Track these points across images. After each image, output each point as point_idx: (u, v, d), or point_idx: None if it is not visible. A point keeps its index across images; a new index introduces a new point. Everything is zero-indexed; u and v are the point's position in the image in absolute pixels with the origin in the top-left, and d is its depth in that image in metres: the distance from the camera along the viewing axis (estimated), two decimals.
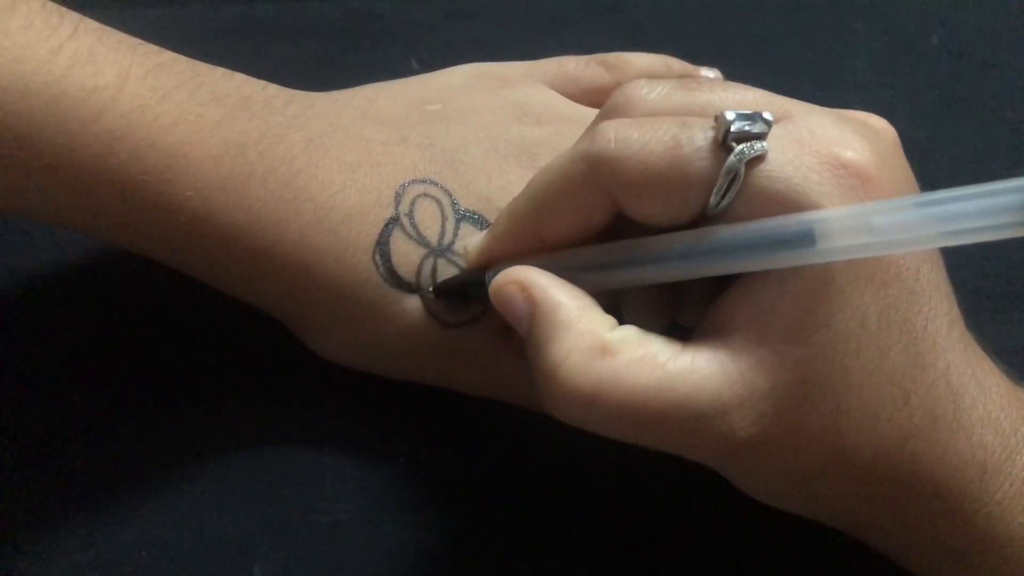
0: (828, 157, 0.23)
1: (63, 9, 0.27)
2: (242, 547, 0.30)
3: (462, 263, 0.29)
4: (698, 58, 0.35)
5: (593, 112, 0.33)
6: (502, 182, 0.30)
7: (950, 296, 0.25)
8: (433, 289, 0.29)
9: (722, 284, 0.25)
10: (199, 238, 0.28)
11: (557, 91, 0.34)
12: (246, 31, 0.38)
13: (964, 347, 0.25)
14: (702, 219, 0.24)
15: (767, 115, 0.23)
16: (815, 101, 0.26)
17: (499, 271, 0.26)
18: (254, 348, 0.32)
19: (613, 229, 0.25)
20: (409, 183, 0.30)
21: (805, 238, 0.22)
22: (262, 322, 0.31)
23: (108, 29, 0.27)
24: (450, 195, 0.30)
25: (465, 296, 0.29)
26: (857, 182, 0.23)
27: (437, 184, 0.30)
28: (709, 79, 0.33)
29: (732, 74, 0.33)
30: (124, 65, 0.27)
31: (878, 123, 0.26)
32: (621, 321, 0.25)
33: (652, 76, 0.28)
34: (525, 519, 0.31)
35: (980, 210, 0.21)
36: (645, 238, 0.25)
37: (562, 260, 0.26)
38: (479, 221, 0.30)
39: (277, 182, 0.28)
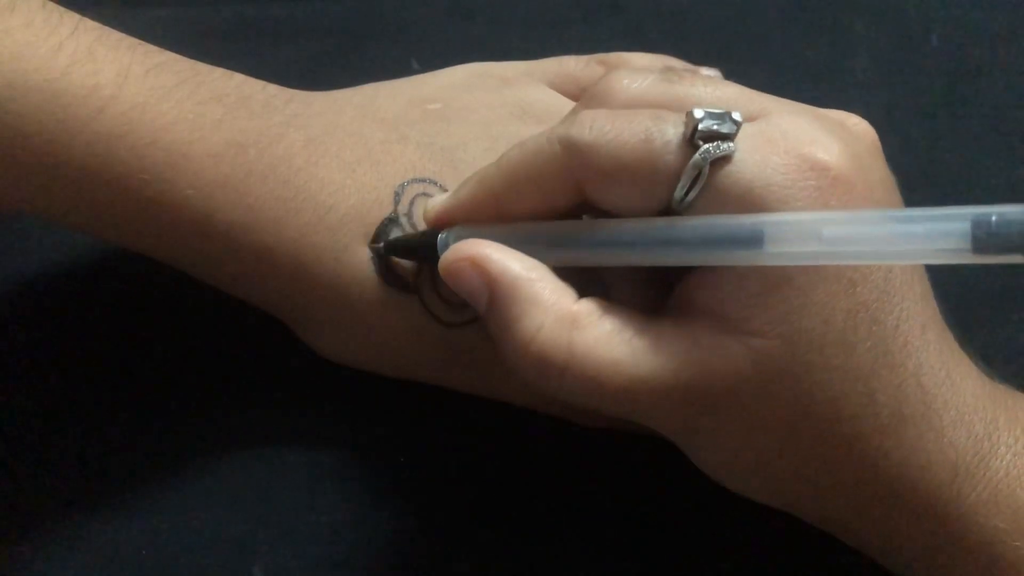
0: (798, 157, 0.23)
1: (62, 8, 0.27)
2: (242, 547, 0.30)
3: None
4: (698, 58, 0.35)
5: None
6: None
7: (926, 297, 0.25)
8: (383, 245, 0.29)
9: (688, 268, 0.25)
10: (198, 237, 0.28)
11: (557, 91, 0.34)
12: (246, 31, 0.38)
13: (939, 349, 0.25)
14: (667, 213, 0.24)
15: (736, 115, 0.23)
16: (815, 101, 0.26)
17: (452, 235, 0.27)
18: (254, 348, 0.32)
19: (572, 214, 0.26)
20: (408, 182, 0.30)
21: (754, 239, 0.22)
22: (262, 322, 0.31)
23: (107, 29, 0.28)
24: None
25: (414, 258, 0.29)
26: (826, 183, 0.23)
27: (436, 183, 0.30)
28: (691, 72, 0.33)
29: (732, 74, 0.33)
30: (124, 64, 0.27)
31: (857, 124, 0.26)
32: (606, 292, 0.26)
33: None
34: (525, 519, 0.31)
35: (929, 233, 0.21)
36: (605, 220, 0.25)
37: (520, 231, 0.26)
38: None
39: (277, 181, 0.28)
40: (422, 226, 0.29)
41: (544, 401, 0.31)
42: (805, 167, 0.23)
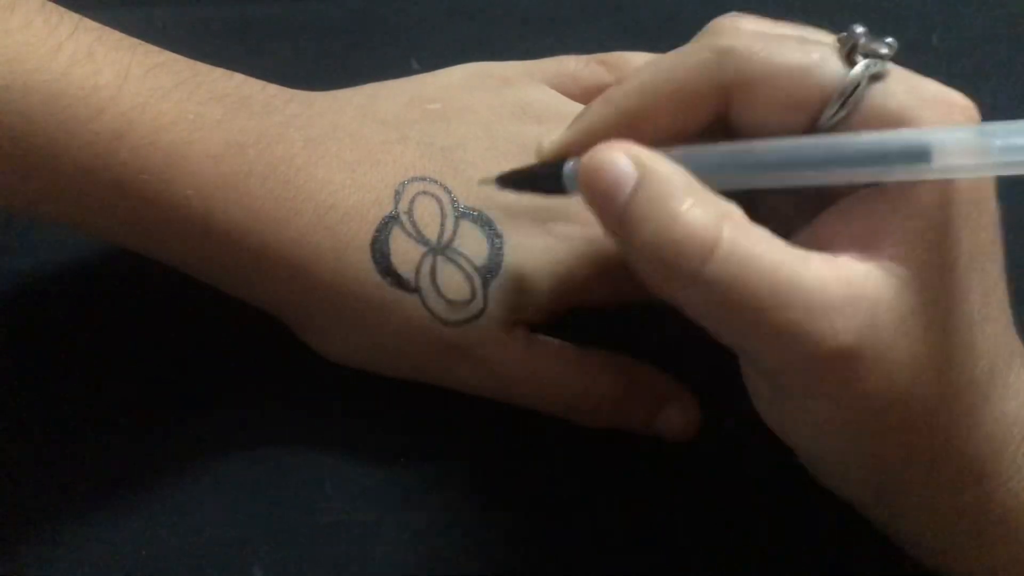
0: (941, 94, 0.23)
1: (62, 9, 0.27)
2: (242, 547, 0.30)
3: (462, 261, 0.29)
4: None
5: None
6: None
7: (1003, 271, 0.25)
8: (497, 179, 0.28)
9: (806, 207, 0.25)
10: (198, 237, 0.28)
11: (557, 91, 0.34)
12: (246, 31, 0.38)
13: (1011, 319, 0.25)
14: (811, 132, 0.24)
15: (891, 39, 0.24)
16: None
17: (580, 163, 0.24)
18: (254, 348, 0.32)
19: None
20: (409, 181, 0.30)
21: (922, 152, 0.22)
22: (262, 322, 0.31)
23: (107, 29, 0.28)
24: (450, 193, 0.30)
25: (532, 189, 0.28)
26: (968, 123, 0.23)
27: (437, 182, 0.30)
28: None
29: None
30: (124, 64, 0.27)
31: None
32: None
33: None
34: (525, 519, 0.31)
35: None
36: (760, 140, 0.24)
37: (667, 153, 0.24)
38: (479, 219, 0.30)
39: (277, 181, 0.28)
40: (423, 225, 0.29)
41: (544, 402, 0.31)
42: (950, 104, 0.23)
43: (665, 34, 0.39)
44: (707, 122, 0.25)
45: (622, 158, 0.23)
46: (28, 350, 0.32)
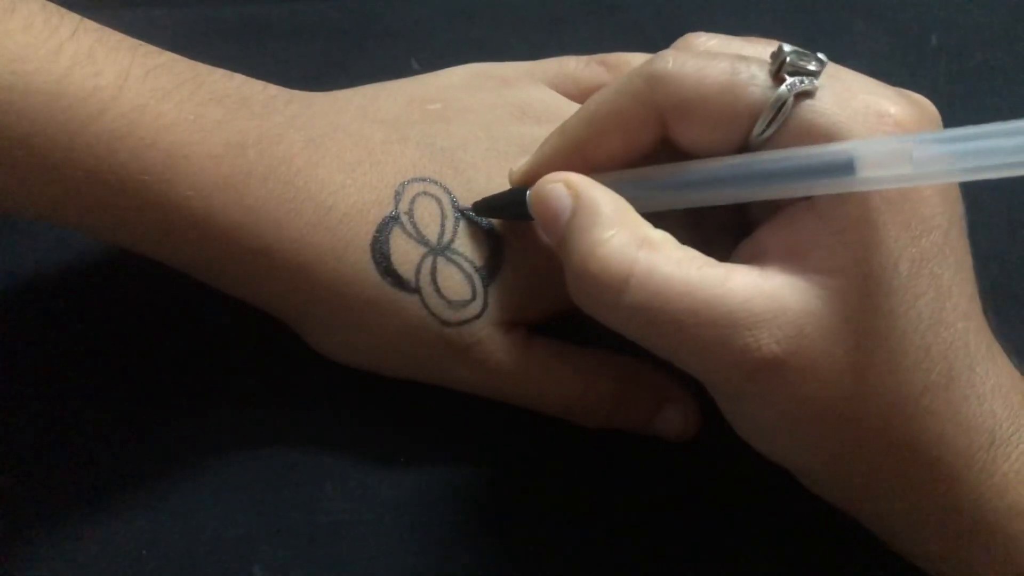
0: (873, 105, 0.24)
1: (62, 10, 0.27)
2: (242, 547, 0.30)
3: (463, 262, 0.29)
4: None
5: None
6: (502, 180, 0.30)
7: (971, 271, 0.25)
8: (473, 206, 0.30)
9: (748, 224, 0.26)
10: (199, 238, 0.28)
11: (557, 91, 0.34)
12: (246, 31, 0.38)
13: (980, 321, 0.25)
14: (744, 150, 0.25)
15: (821, 55, 0.24)
16: None
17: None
18: (254, 348, 0.32)
19: (653, 163, 0.26)
20: (409, 181, 0.30)
21: (846, 166, 0.23)
22: (262, 322, 0.31)
23: (107, 30, 0.28)
24: (450, 193, 0.30)
25: (505, 216, 0.30)
26: (899, 133, 0.23)
27: (437, 183, 0.30)
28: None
29: None
30: (124, 65, 0.27)
31: (921, 99, 0.26)
32: None
33: None
34: (525, 519, 0.31)
35: (1018, 147, 0.21)
36: (690, 161, 0.25)
37: (607, 178, 0.26)
38: (479, 219, 0.30)
39: (277, 181, 0.28)
40: (423, 225, 0.29)
41: (543, 402, 0.31)
42: (881, 115, 0.24)
43: (665, 34, 0.39)
44: (654, 143, 0.26)
45: (560, 188, 0.26)
46: (28, 350, 0.32)
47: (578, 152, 0.27)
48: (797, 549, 0.31)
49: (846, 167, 0.23)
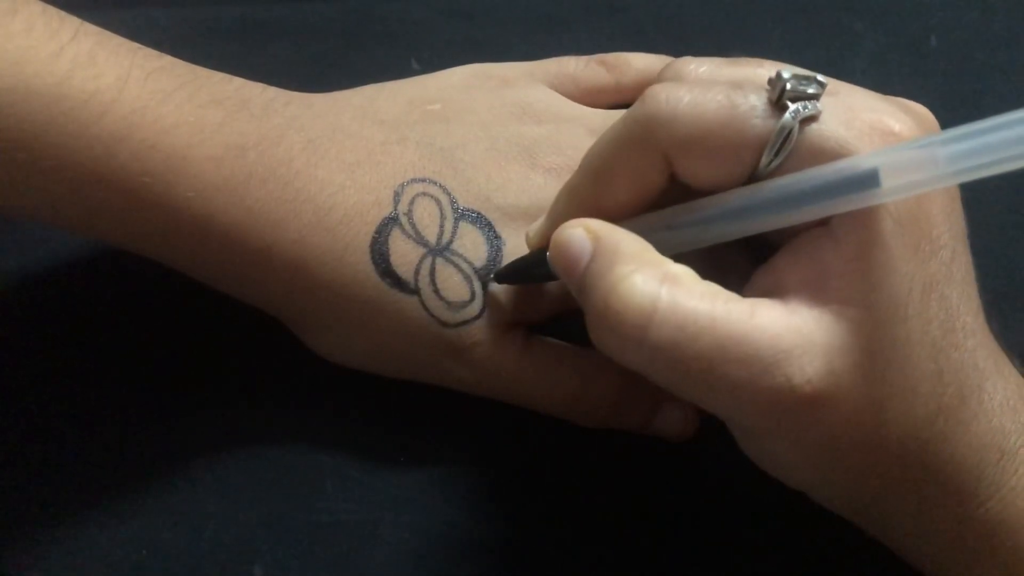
0: (877, 123, 0.23)
1: (63, 13, 0.27)
2: (242, 547, 0.30)
3: (462, 263, 0.29)
4: None
5: (593, 112, 0.33)
6: (501, 181, 0.30)
7: (975, 284, 0.25)
8: (495, 276, 0.29)
9: (762, 255, 0.25)
10: (199, 239, 0.28)
11: (557, 91, 0.34)
12: (246, 32, 0.38)
13: (986, 335, 0.25)
14: (753, 180, 0.24)
15: (821, 77, 0.24)
16: None
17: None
18: (254, 348, 0.32)
19: (668, 200, 0.26)
20: (408, 182, 0.30)
21: (869, 178, 0.22)
22: (262, 322, 0.31)
23: (107, 33, 0.28)
24: (449, 194, 0.30)
25: (527, 279, 0.29)
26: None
27: (436, 183, 0.30)
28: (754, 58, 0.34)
29: None
30: (124, 68, 0.27)
31: (919, 108, 0.26)
32: None
33: (653, 76, 0.28)
34: (525, 519, 0.31)
35: None
36: (704, 198, 0.25)
37: (624, 227, 0.26)
38: (478, 220, 0.30)
39: (277, 183, 0.28)
40: (422, 226, 0.29)
41: (543, 402, 0.31)
42: (886, 132, 0.23)
43: (665, 34, 0.39)
44: (663, 183, 0.25)
45: (579, 232, 0.25)
46: (28, 350, 0.32)
47: (589, 207, 0.26)
48: (797, 549, 0.31)
49: (870, 179, 0.22)
